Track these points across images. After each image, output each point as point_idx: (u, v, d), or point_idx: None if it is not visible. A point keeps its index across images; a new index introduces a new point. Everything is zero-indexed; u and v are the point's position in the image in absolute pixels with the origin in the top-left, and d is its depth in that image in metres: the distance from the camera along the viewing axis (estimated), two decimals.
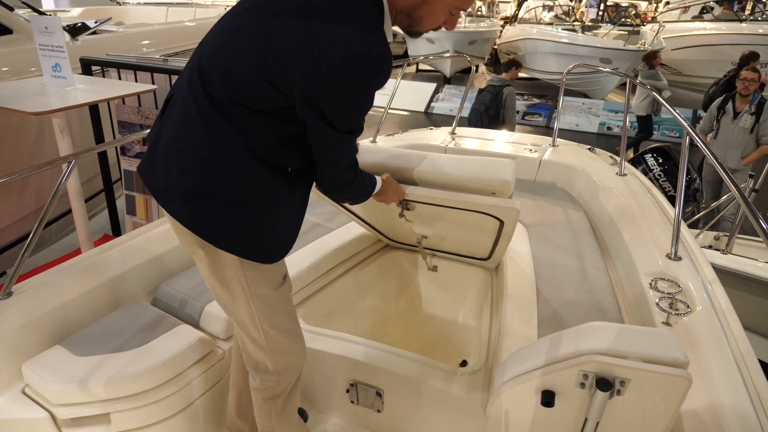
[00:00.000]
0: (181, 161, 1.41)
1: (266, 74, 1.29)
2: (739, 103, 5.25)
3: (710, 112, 5.49)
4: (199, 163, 1.38)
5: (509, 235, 2.10)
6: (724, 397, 1.49)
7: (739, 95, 5.23)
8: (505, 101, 6.09)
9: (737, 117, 5.24)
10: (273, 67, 1.28)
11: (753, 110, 5.17)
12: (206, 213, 1.41)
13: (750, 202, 1.70)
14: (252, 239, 1.46)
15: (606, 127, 10.17)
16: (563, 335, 1.40)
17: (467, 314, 2.68)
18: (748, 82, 5.15)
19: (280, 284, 1.61)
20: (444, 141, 3.94)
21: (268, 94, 1.32)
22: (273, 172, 1.41)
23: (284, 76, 1.28)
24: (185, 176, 1.40)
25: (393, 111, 11.31)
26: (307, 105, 1.30)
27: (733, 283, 3.26)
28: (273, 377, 1.70)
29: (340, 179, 1.54)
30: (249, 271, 1.50)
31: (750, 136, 5.21)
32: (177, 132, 1.43)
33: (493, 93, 6.14)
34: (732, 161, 5.29)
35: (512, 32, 14.40)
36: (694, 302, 1.94)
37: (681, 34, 11.94)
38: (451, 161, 1.92)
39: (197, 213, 1.42)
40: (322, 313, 2.44)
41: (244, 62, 1.32)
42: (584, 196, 3.28)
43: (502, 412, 1.47)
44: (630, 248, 2.43)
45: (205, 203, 1.40)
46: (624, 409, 1.31)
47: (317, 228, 2.75)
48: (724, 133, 5.32)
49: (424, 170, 1.89)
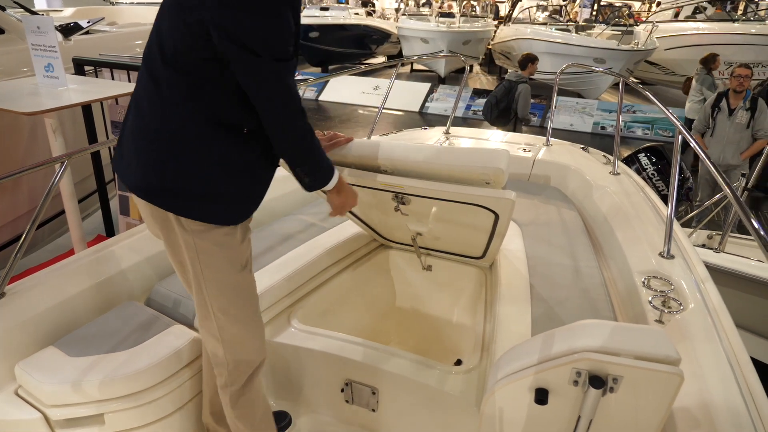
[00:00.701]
0: (136, 139, 1.49)
1: (185, 17, 1.35)
2: (733, 99, 5.32)
3: (704, 111, 5.54)
4: (153, 136, 1.46)
5: (503, 231, 2.11)
6: (716, 393, 1.50)
7: (733, 92, 5.31)
8: (518, 97, 6.37)
9: (732, 114, 5.31)
10: (186, 5, 1.34)
11: (747, 106, 5.25)
12: (159, 180, 1.47)
13: (742, 201, 1.71)
14: (201, 200, 1.48)
15: (600, 127, 10.20)
16: (556, 333, 1.41)
17: (462, 313, 2.68)
18: (742, 79, 5.22)
19: (239, 269, 1.61)
20: (438, 140, 3.94)
21: (193, 40, 1.36)
22: (225, 134, 1.46)
23: (196, 6, 1.32)
24: (141, 152, 1.48)
25: (387, 111, 11.32)
26: (223, 36, 1.33)
27: (725, 281, 3.28)
28: (223, 367, 1.71)
29: (287, 127, 1.47)
30: (200, 240, 1.52)
31: (746, 131, 5.29)
32: (134, 114, 1.51)
33: (507, 87, 6.48)
34: (730, 157, 5.37)
35: (506, 32, 14.41)
36: (687, 300, 1.95)
37: (674, 34, 11.99)
38: (444, 152, 1.92)
39: (151, 182, 1.48)
40: (317, 313, 2.44)
41: (169, 22, 1.40)
42: (578, 195, 3.29)
43: (496, 410, 1.47)
44: (623, 247, 2.44)
45: (157, 171, 1.46)
46: (617, 406, 1.32)
47: (312, 227, 2.74)
48: (721, 130, 5.39)
49: (418, 162, 1.88)
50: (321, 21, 15.23)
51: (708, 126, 5.50)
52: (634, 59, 11.33)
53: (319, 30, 14.93)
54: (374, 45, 17.38)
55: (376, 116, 3.99)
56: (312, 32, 14.79)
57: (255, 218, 2.84)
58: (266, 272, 2.29)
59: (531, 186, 3.39)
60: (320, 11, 16.14)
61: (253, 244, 2.52)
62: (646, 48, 11.24)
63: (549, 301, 2.14)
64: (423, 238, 2.49)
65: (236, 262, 1.60)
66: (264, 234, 2.65)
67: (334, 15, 15.94)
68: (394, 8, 21.89)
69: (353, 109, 11.69)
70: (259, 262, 2.37)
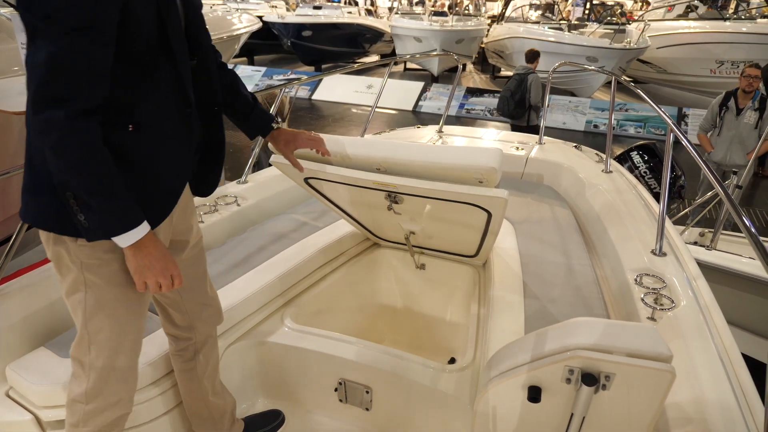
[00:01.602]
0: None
1: None
2: (742, 99, 5.32)
3: (712, 110, 5.52)
4: (29, 155, 1.30)
5: (496, 229, 2.11)
6: (708, 390, 1.51)
7: (742, 92, 5.30)
8: (530, 87, 6.87)
9: (740, 113, 5.30)
10: None
11: (756, 106, 5.24)
12: (26, 199, 1.33)
13: (733, 199, 1.72)
14: (51, 210, 1.29)
15: (593, 125, 10.24)
16: (549, 331, 1.41)
17: (455, 311, 2.69)
18: (752, 79, 5.22)
19: (108, 281, 1.37)
20: (431, 139, 3.94)
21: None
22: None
23: None
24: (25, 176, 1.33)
25: (381, 110, 11.31)
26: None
27: (717, 278, 3.29)
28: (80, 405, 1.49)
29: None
30: (57, 246, 1.36)
31: (754, 131, 5.26)
32: None
33: (518, 80, 6.96)
34: (737, 157, 5.34)
35: (499, 31, 14.44)
36: (679, 297, 1.96)
37: (666, 33, 12.05)
38: (437, 150, 1.91)
39: (24, 202, 1.34)
40: (311, 312, 2.44)
41: None
42: (570, 193, 3.30)
43: (490, 408, 1.47)
44: (615, 245, 2.45)
45: (27, 191, 1.32)
46: (609, 403, 1.32)
47: (304, 227, 2.74)
48: (728, 129, 5.37)
49: (411, 161, 1.87)
50: (314, 20, 15.22)
51: (714, 125, 5.51)
52: (626, 58, 11.38)
53: (312, 29, 14.91)
54: (367, 44, 17.38)
55: (369, 115, 3.98)
56: (305, 31, 14.77)
57: (248, 218, 2.87)
58: (259, 272, 2.29)
59: (524, 184, 3.40)
60: (313, 10, 16.12)
61: (246, 244, 2.53)
62: (638, 47, 11.29)
63: (542, 299, 2.14)
64: (416, 236, 2.49)
65: (106, 265, 1.40)
66: (257, 233, 2.64)
67: (327, 14, 15.92)
68: (387, 7, 21.87)
69: (346, 108, 11.68)
70: (251, 262, 2.37)
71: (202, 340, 1.78)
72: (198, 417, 1.90)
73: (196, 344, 1.77)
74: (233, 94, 1.72)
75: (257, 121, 1.80)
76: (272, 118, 1.83)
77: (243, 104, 1.74)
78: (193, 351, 1.77)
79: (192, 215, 1.65)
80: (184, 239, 1.62)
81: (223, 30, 8.21)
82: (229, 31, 8.29)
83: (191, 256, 1.67)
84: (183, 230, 1.61)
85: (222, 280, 2.21)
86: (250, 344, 2.15)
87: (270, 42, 16.03)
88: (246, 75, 13.51)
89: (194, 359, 1.78)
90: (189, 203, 1.63)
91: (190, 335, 1.75)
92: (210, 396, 1.86)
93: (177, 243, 1.60)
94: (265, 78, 13.40)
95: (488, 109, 11.04)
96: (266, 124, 1.81)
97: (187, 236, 1.63)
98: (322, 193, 2.30)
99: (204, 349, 1.80)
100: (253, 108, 1.76)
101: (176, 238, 1.58)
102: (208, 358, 1.82)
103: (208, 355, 1.82)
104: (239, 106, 1.74)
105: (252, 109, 1.76)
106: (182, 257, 1.62)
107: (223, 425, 1.93)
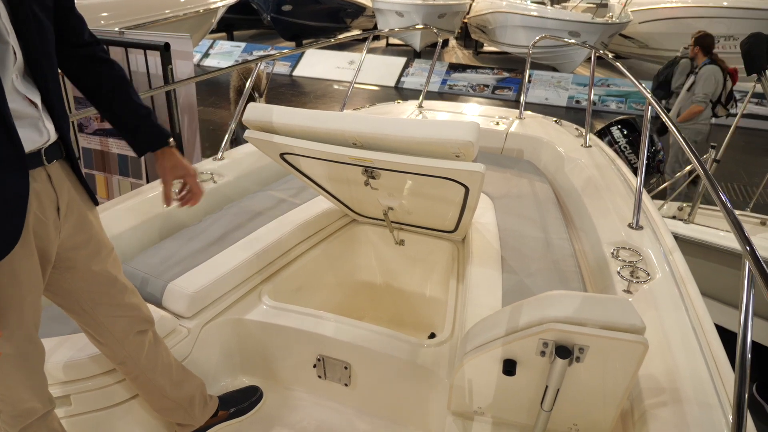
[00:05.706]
0: None
1: None
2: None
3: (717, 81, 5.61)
4: None
5: (474, 204, 2.10)
6: (681, 361, 1.53)
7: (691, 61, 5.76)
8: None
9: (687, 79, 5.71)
10: None
11: (697, 71, 5.56)
12: None
13: (710, 173, 1.72)
14: None
15: (575, 101, 10.24)
16: (524, 305, 1.41)
17: (435, 287, 2.69)
18: None
19: None
20: (411, 114, 3.91)
21: None
22: None
23: None
24: None
25: (362, 86, 11.20)
26: None
27: (693, 251, 3.34)
28: None
29: None
30: None
31: (688, 94, 5.57)
32: None
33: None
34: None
35: (482, 5, 14.28)
36: (654, 270, 1.98)
37: (648, 7, 12.02)
38: (413, 125, 1.88)
39: None
40: (290, 289, 2.42)
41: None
42: (550, 167, 3.30)
43: (466, 382, 1.48)
44: (593, 218, 2.46)
45: None
46: (584, 375, 1.33)
47: (282, 203, 2.71)
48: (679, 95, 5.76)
49: (387, 135, 1.83)
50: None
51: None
52: (608, 32, 11.34)
53: (292, 3, 14.60)
54: (349, 18, 17.09)
55: (348, 90, 3.93)
56: (285, 5, 14.47)
57: (225, 195, 2.82)
58: (236, 249, 2.26)
59: (504, 159, 3.39)
60: None
61: (223, 221, 2.50)
62: (620, 21, 11.26)
63: (520, 273, 2.15)
64: (395, 212, 2.47)
65: None
66: (234, 210, 2.61)
67: None
68: None
69: (328, 84, 11.54)
70: (228, 239, 2.33)
71: (136, 349, 1.69)
72: (165, 410, 1.86)
73: (131, 353, 1.68)
74: None
75: None
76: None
77: None
78: (133, 361, 1.69)
79: (91, 227, 1.51)
80: (80, 253, 1.48)
81: (198, 3, 7.99)
82: (204, 4, 8.07)
83: (98, 270, 1.53)
84: (77, 243, 1.47)
85: (198, 258, 2.18)
86: (227, 322, 2.13)
87: (250, 17, 15.68)
88: (225, 51, 13.25)
89: (137, 367, 1.70)
90: (86, 215, 1.50)
91: (122, 347, 1.66)
92: (168, 391, 1.80)
93: (69, 257, 1.46)
94: (245, 54, 13.14)
95: (471, 84, 10.98)
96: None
97: (85, 249, 1.49)
98: (298, 169, 2.27)
99: (144, 354, 1.70)
100: None
101: (67, 253, 1.45)
102: (153, 359, 1.73)
103: (151, 356, 1.73)
104: None
105: None
106: (78, 271, 1.49)
107: (193, 409, 1.90)
